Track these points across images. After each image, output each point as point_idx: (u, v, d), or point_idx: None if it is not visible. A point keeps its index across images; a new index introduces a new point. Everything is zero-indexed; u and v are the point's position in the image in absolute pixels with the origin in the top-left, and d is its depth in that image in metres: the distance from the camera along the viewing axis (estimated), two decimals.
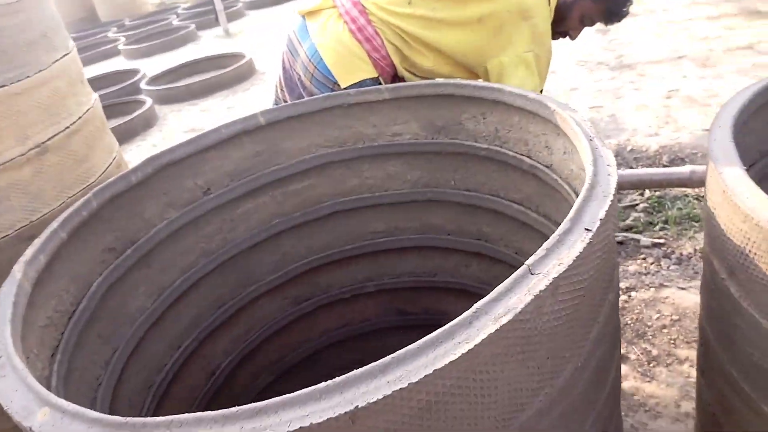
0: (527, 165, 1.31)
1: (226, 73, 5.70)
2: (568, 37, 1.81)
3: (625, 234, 2.37)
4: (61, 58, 1.41)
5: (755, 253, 0.79)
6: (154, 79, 5.97)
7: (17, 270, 1.00)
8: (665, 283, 2.03)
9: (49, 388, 0.93)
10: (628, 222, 2.45)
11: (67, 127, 1.36)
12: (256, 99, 5.27)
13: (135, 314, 1.35)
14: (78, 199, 1.29)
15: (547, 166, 1.26)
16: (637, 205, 2.56)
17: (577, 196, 1.15)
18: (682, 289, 1.98)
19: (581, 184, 1.13)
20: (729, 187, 0.83)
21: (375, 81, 1.62)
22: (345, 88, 1.60)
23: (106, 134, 1.54)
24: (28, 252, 1.05)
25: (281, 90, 1.92)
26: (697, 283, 2.01)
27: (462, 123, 1.44)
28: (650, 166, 2.74)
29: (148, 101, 5.09)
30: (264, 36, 7.69)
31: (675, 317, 1.85)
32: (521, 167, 1.34)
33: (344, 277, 1.80)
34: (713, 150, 0.94)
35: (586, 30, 1.86)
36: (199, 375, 1.53)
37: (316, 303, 1.80)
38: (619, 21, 1.78)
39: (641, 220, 2.45)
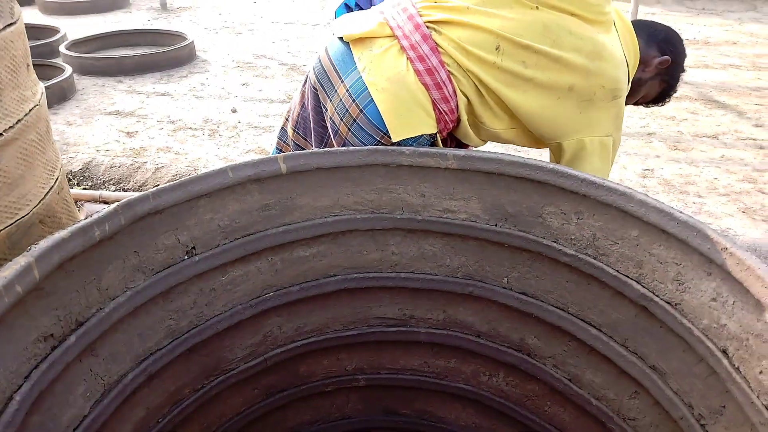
0: (636, 293, 1.02)
1: (164, 53, 5.06)
2: None
3: None
4: (2, 30, 0.95)
5: None
6: (76, 44, 5.18)
7: None
8: None
9: None
10: None
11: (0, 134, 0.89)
12: (192, 90, 4.69)
13: (67, 427, 0.90)
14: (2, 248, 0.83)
15: (670, 303, 0.97)
16: None
17: (728, 357, 0.88)
18: None
19: (736, 347, 0.86)
20: None
21: (432, 138, 1.27)
22: (396, 144, 1.23)
23: (49, 144, 1.07)
24: None
25: (293, 130, 1.51)
26: None
27: (542, 216, 1.13)
28: None
29: (68, 69, 4.36)
30: (209, 19, 7.05)
31: None
32: (622, 291, 1.05)
33: (332, 366, 1.42)
34: None
35: None
36: None
37: (292, 396, 1.41)
38: (663, 104, 1.68)
39: None
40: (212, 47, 5.80)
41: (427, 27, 1.25)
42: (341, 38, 1.31)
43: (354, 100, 1.23)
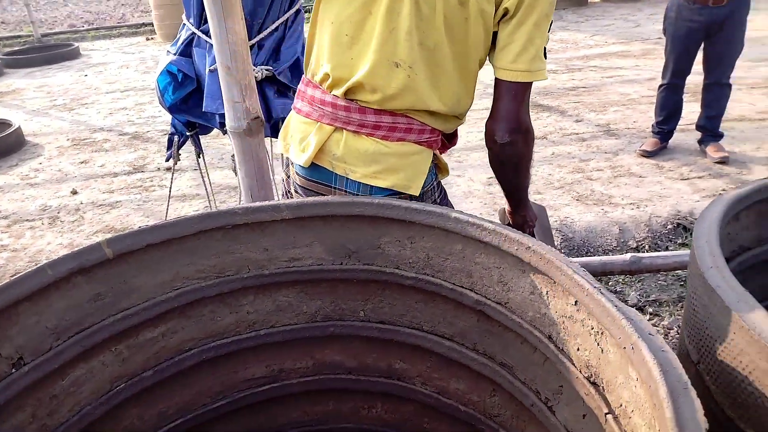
0: (472, 300, 1.10)
1: None
2: None
3: None
4: None
5: None
6: None
7: None
8: None
9: None
10: None
11: None
12: (25, 178, 4.33)
13: None
14: None
15: (500, 303, 1.06)
16: None
17: (552, 341, 0.98)
18: None
19: (558, 331, 0.96)
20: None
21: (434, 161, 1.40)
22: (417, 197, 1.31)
23: None
24: None
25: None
26: None
27: (381, 247, 1.19)
28: None
29: None
30: (37, 101, 6.57)
31: None
32: (461, 301, 1.12)
33: None
34: (721, 292, 0.83)
35: None
36: None
37: None
38: None
39: None
40: (43, 129, 5.42)
41: (348, 99, 1.28)
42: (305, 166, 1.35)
43: (360, 193, 1.31)
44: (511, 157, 1.31)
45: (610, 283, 2.66)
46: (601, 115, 4.80)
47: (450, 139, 1.47)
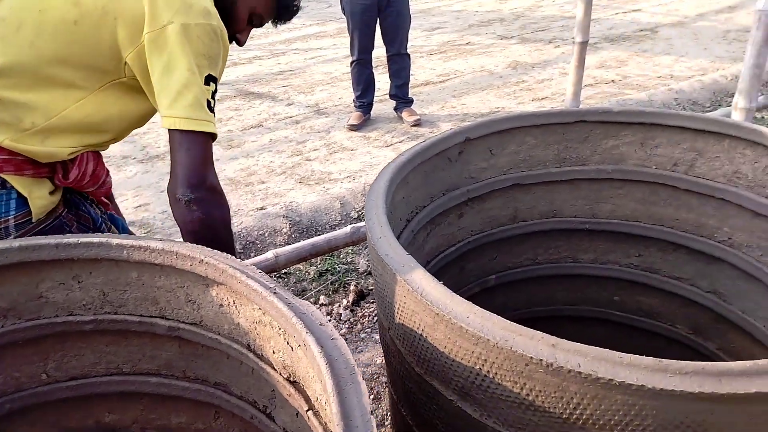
0: (165, 327, 1.00)
1: None
2: (236, 42, 1.39)
3: None
4: None
5: (495, 373, 0.75)
6: None
7: None
8: None
9: None
10: None
11: None
12: None
13: None
14: None
15: (195, 324, 0.98)
16: None
17: (255, 353, 0.93)
18: None
19: (253, 338, 0.92)
20: (445, 311, 0.77)
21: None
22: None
23: None
24: None
25: None
26: None
27: (43, 296, 0.99)
28: None
29: None
30: None
31: None
32: (155, 331, 1.01)
33: None
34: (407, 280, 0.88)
35: None
36: None
37: None
38: (289, 19, 1.46)
39: None
40: None
41: None
42: None
43: None
44: (203, 222, 1.09)
45: (341, 256, 2.78)
46: (310, 96, 4.98)
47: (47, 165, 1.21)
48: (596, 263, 1.68)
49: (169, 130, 1.09)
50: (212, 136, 1.12)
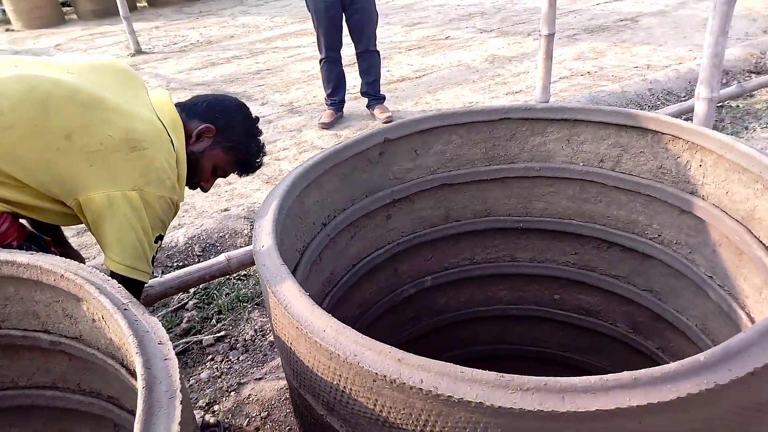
0: (47, 342, 0.97)
1: None
2: (200, 189, 1.57)
3: (185, 341, 2.19)
4: None
5: (350, 389, 0.72)
6: None
7: None
8: (243, 380, 1.94)
9: None
10: (183, 326, 2.28)
11: None
12: None
13: None
14: None
15: (74, 338, 0.95)
16: (186, 303, 2.42)
17: (127, 369, 0.91)
18: (260, 379, 1.93)
19: (124, 353, 0.89)
20: (304, 325, 0.75)
21: None
22: None
23: None
24: None
25: None
26: (272, 365, 2.01)
27: None
28: (185, 259, 2.65)
29: None
30: None
31: (264, 414, 1.78)
32: (40, 345, 0.98)
33: None
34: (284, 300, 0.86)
35: None
36: None
37: None
38: (253, 172, 1.65)
39: (196, 318, 2.32)
40: None
41: None
42: None
43: None
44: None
45: None
46: (284, 94, 4.94)
47: None
48: (534, 262, 1.66)
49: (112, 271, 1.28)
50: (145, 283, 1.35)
